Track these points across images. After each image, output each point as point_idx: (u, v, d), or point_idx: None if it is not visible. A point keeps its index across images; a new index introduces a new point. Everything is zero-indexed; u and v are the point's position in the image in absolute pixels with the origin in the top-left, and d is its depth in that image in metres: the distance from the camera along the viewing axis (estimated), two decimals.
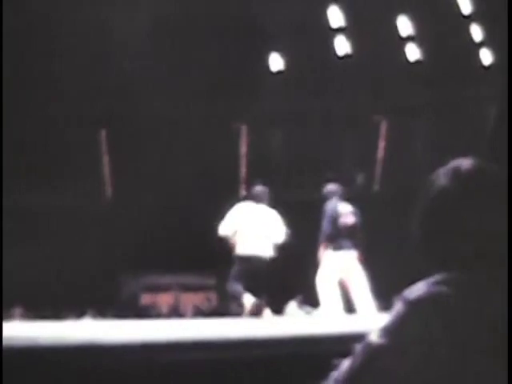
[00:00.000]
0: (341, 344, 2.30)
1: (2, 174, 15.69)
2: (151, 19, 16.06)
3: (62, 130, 16.63)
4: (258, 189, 10.85)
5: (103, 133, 18.57)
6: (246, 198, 11.05)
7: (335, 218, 10.64)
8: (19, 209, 16.56)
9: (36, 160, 16.88)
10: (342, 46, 19.26)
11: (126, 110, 17.35)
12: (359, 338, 1.98)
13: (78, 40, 16.32)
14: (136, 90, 16.67)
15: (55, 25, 16.12)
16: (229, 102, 18.01)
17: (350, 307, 10.77)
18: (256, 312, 10.07)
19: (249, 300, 10.13)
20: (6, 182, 15.78)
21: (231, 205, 10.67)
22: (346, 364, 1.97)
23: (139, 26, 15.76)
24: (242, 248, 10.49)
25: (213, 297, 18.90)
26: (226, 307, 18.16)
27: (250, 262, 10.41)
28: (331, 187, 10.86)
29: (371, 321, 9.58)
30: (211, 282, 18.73)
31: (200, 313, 17.46)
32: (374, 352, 1.92)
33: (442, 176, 2.02)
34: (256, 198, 10.72)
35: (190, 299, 18.53)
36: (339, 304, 10.56)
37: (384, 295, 9.85)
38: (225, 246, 10.48)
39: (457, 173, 2.00)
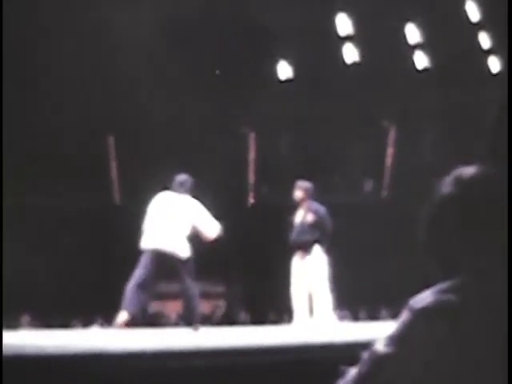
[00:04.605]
0: (347, 351, 2.29)
1: (15, 181, 15.79)
2: (160, 24, 16.09)
3: (70, 136, 16.66)
4: (179, 177, 9.74)
5: (111, 138, 18.61)
6: (167, 188, 9.86)
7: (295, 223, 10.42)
8: (27, 215, 16.57)
9: (44, 165, 16.91)
10: (350, 53, 19.30)
11: (134, 115, 17.38)
12: (366, 345, 1.98)
13: (86, 45, 16.37)
14: (144, 96, 16.70)
15: (62, 29, 16.16)
16: (237, 109, 18.04)
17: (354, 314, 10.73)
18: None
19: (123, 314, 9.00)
20: (14, 187, 15.83)
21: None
22: (352, 372, 1.97)
23: (148, 31, 15.78)
24: (145, 241, 9.45)
25: (222, 305, 18.88)
26: (235, 315, 18.16)
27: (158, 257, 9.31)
28: (297, 194, 10.33)
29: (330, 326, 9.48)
30: (220, 289, 18.70)
31: (208, 321, 17.44)
32: (379, 360, 1.91)
33: (445, 184, 2.03)
34: (175, 188, 9.66)
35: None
36: (307, 312, 10.25)
37: (393, 301, 9.82)
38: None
39: (459, 180, 2.00)
